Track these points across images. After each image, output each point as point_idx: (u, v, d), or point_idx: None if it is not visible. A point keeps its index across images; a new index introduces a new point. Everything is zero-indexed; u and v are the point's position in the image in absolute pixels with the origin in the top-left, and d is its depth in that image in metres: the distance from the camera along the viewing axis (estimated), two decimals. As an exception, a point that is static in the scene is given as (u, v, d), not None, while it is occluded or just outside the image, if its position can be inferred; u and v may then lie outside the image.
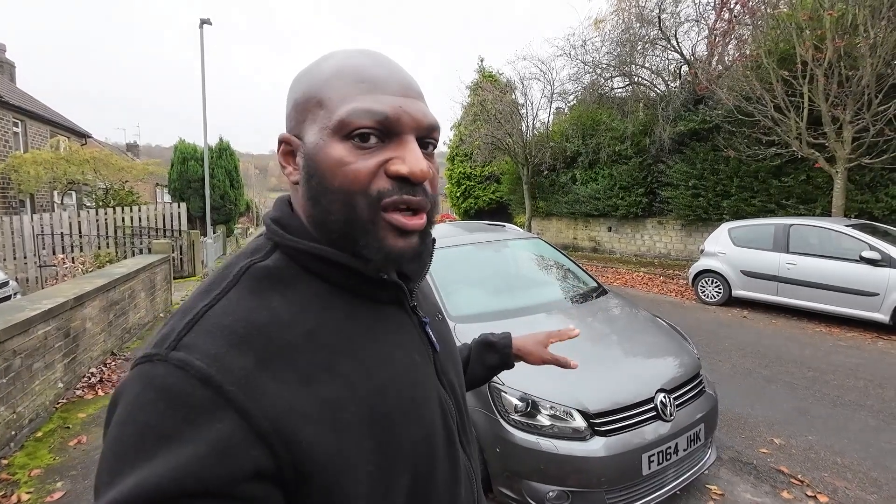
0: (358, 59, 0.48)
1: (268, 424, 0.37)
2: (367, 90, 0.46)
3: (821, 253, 5.58)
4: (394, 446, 0.45)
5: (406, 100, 0.47)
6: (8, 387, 2.76)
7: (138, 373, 0.39)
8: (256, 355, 0.40)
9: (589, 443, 1.93)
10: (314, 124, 0.47)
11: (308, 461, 0.39)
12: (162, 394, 0.36)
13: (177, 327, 0.41)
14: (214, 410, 0.36)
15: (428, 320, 0.58)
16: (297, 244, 0.48)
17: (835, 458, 2.70)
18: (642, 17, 10.81)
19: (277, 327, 0.43)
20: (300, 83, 0.49)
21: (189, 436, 0.35)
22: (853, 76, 6.29)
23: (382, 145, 0.46)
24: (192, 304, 0.44)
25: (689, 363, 2.35)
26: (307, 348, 0.43)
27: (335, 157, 0.45)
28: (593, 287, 3.25)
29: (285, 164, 0.51)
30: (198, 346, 0.39)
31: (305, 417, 0.40)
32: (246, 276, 0.46)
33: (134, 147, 28.61)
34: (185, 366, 0.37)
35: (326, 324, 0.46)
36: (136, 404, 0.37)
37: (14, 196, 12.19)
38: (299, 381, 0.41)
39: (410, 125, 0.46)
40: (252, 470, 0.36)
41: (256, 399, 0.38)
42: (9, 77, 15.45)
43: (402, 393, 0.48)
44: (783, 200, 8.38)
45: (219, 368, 0.38)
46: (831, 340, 4.89)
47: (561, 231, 14.65)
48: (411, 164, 0.45)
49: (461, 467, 0.54)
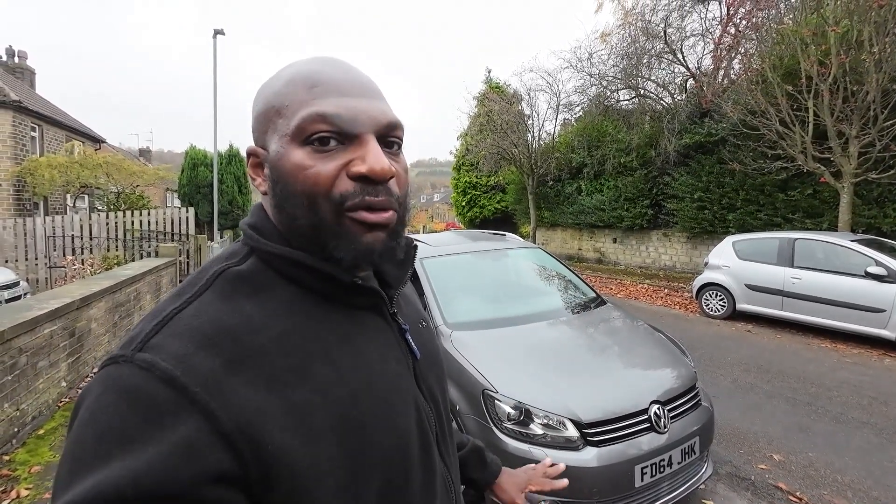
0: (312, 66, 0.48)
1: (234, 427, 0.37)
2: (321, 94, 0.46)
3: (826, 268, 5.52)
4: (365, 454, 0.44)
5: (361, 100, 0.47)
6: (13, 384, 2.82)
7: (103, 375, 0.39)
8: (225, 357, 0.40)
9: (581, 453, 1.93)
10: (275, 133, 0.48)
11: (275, 466, 0.38)
12: (125, 395, 0.36)
13: (145, 329, 0.41)
14: (178, 412, 0.36)
15: (408, 327, 0.58)
16: (273, 249, 0.48)
17: (835, 476, 2.66)
18: (648, 30, 10.90)
19: (248, 330, 0.42)
20: (260, 95, 0.51)
21: (151, 437, 0.34)
22: (858, 91, 6.28)
23: (343, 147, 0.46)
24: (163, 307, 0.44)
25: (685, 375, 2.34)
26: (278, 352, 0.43)
27: (295, 162, 0.46)
28: (592, 297, 3.25)
29: (254, 175, 0.52)
30: (164, 348, 0.39)
31: (273, 421, 0.39)
32: (219, 280, 0.46)
33: (146, 152, 29.14)
34: (150, 367, 0.37)
35: (299, 328, 0.46)
36: (98, 406, 0.36)
37: (29, 198, 12.47)
38: (268, 385, 0.41)
39: (369, 125, 0.47)
40: (216, 473, 0.35)
41: (223, 401, 0.37)
42: (29, 83, 15.87)
43: (376, 400, 0.47)
44: (789, 214, 8.32)
45: (185, 369, 0.38)
46: (836, 356, 4.82)
47: (566, 241, 14.63)
48: (370, 162, 0.45)
49: (438, 477, 0.54)
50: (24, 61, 16.06)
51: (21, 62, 15.89)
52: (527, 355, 2.38)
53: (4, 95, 11.69)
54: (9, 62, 15.53)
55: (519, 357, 2.36)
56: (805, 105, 6.83)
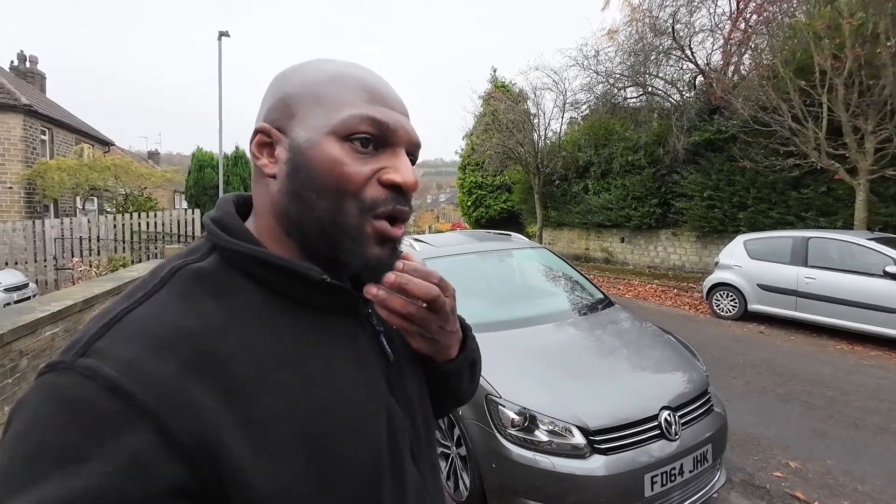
0: (359, 70, 0.50)
1: (189, 439, 0.34)
2: (371, 100, 0.47)
3: (842, 267, 5.37)
4: (333, 466, 0.42)
5: (401, 115, 0.49)
6: (14, 387, 2.80)
7: (39, 384, 0.35)
8: (181, 364, 0.37)
9: (588, 461, 1.86)
10: (307, 121, 0.46)
11: (234, 481, 0.36)
12: (62, 406, 0.33)
13: (89, 332, 0.38)
14: (125, 423, 0.33)
15: (382, 329, 0.54)
16: (237, 246, 0.45)
17: (855, 485, 2.55)
18: (656, 27, 10.75)
19: (207, 335, 0.39)
20: (291, 78, 0.49)
21: (92, 453, 0.32)
22: (875, 85, 6.11)
23: (377, 154, 0.47)
24: (111, 308, 0.40)
25: (696, 380, 2.25)
26: (240, 359, 0.40)
27: (332, 155, 0.45)
28: (599, 298, 3.17)
29: (259, 154, 0.48)
30: (110, 353, 0.36)
31: (234, 434, 0.36)
32: (176, 278, 0.43)
33: (155, 155, 29.49)
34: (92, 374, 0.34)
35: (264, 334, 0.43)
36: (32, 420, 0.33)
37: (39, 201, 12.64)
38: (228, 396, 0.38)
39: (404, 139, 0.49)
40: (169, 488, 0.33)
41: (177, 411, 0.35)
42: (39, 87, 16.11)
43: (345, 409, 0.44)
44: (802, 212, 8.14)
45: (132, 377, 0.34)
46: (853, 359, 4.67)
47: (573, 241, 14.50)
48: (405, 174, 0.47)
49: (409, 487, 0.50)
50: (35, 66, 16.31)
51: (32, 67, 16.14)
52: (532, 359, 2.31)
53: (15, 100, 11.86)
54: (20, 67, 15.78)
55: (523, 361, 2.29)
56: (818, 100, 6.67)
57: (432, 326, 0.52)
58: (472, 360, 0.64)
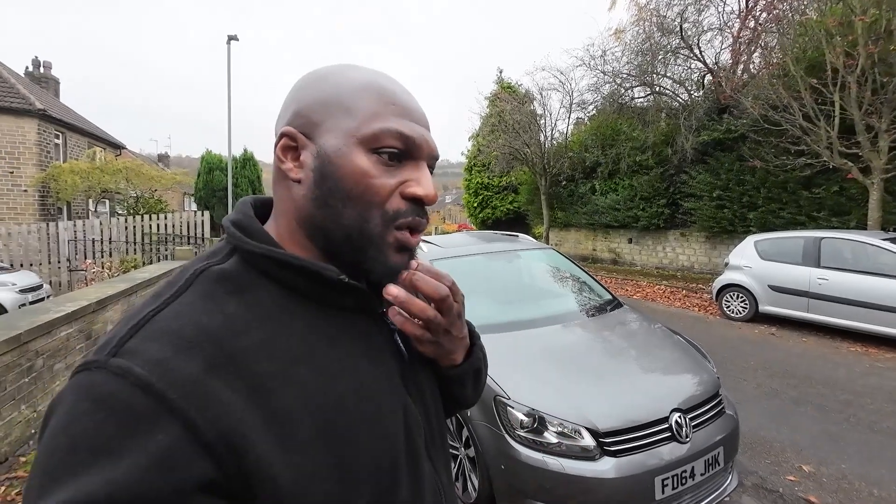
0: (387, 82, 0.50)
1: (215, 435, 0.35)
2: (399, 113, 0.48)
3: (855, 268, 5.29)
4: (353, 461, 0.43)
5: (424, 129, 0.51)
6: (30, 386, 2.86)
7: (75, 382, 0.37)
8: (205, 361, 0.38)
9: (598, 463, 1.85)
10: (336, 129, 0.47)
11: (258, 475, 0.37)
12: (98, 403, 0.35)
13: (119, 333, 0.39)
14: (156, 420, 0.34)
15: (397, 327, 0.55)
16: (256, 248, 0.46)
17: (871, 490, 2.50)
18: (663, 26, 10.67)
19: (230, 333, 0.41)
20: (322, 85, 0.49)
21: (127, 448, 0.33)
22: (888, 83, 6.01)
23: (401, 167, 0.49)
24: (139, 310, 0.42)
25: (707, 381, 2.23)
26: (262, 356, 0.41)
27: (361, 166, 0.46)
28: (608, 299, 3.15)
29: (284, 158, 0.49)
30: (140, 352, 0.37)
31: (256, 430, 0.37)
32: (199, 280, 0.44)
33: (165, 157, 29.87)
34: (124, 373, 0.35)
35: (284, 331, 0.44)
36: (69, 415, 0.35)
37: (53, 203, 12.86)
38: (251, 391, 0.39)
39: (426, 153, 0.51)
40: (196, 483, 0.34)
41: (203, 408, 0.36)
42: (53, 92, 16.41)
43: (364, 405, 0.46)
44: (814, 212, 8.02)
45: (162, 375, 0.36)
46: (867, 361, 4.59)
47: (580, 242, 14.42)
48: (427, 188, 0.49)
49: (426, 481, 0.52)
50: (49, 71, 16.61)
51: (46, 72, 16.45)
52: (540, 360, 2.31)
53: (30, 105, 12.09)
54: (34, 72, 16.08)
55: (532, 362, 2.28)
56: (830, 98, 6.57)
57: (439, 329, 0.53)
58: (478, 368, 0.64)
